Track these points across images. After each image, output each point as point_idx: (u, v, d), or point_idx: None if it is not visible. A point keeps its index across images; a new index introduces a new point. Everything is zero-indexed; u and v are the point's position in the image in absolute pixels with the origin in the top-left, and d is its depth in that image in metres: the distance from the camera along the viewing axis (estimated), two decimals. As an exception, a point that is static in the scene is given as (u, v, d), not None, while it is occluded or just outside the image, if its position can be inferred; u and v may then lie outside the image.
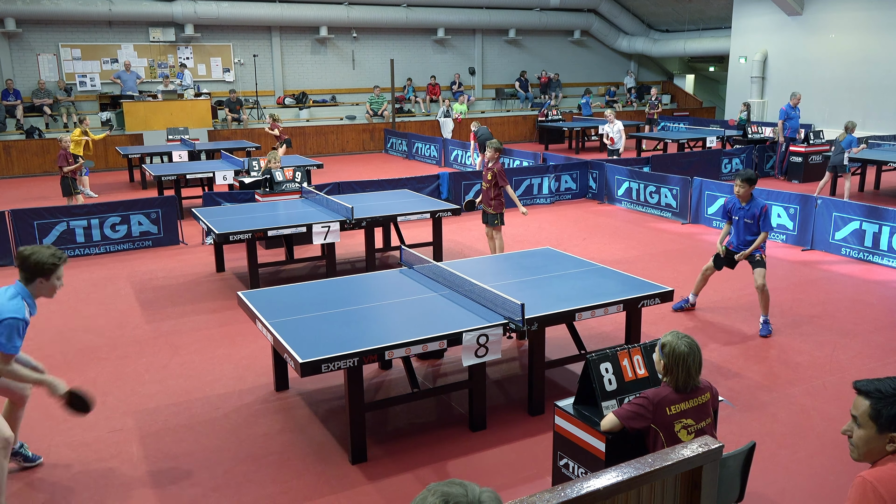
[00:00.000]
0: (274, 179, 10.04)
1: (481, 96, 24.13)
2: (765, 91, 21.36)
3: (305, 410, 5.45)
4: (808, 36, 19.96)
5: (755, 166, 15.52)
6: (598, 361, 3.85)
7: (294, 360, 4.31)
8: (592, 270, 6.20)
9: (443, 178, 12.52)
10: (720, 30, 23.87)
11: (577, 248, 9.71)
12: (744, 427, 5.12)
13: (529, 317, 4.90)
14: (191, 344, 6.75)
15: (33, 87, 18.35)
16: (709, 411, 3.53)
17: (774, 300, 7.81)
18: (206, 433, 5.12)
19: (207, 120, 18.43)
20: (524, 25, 23.99)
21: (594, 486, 2.65)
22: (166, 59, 19.80)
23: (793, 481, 4.47)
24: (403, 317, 5.10)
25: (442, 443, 4.95)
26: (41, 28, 18.37)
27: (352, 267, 9.25)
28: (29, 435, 5.05)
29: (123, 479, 4.57)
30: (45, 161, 17.18)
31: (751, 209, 6.89)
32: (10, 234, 9.52)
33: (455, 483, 1.63)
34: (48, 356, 6.51)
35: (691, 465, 2.93)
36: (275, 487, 4.46)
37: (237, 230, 7.72)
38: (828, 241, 9.75)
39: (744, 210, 6.93)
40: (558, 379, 5.93)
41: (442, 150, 17.92)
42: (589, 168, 13.55)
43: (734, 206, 7.02)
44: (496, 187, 8.51)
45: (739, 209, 6.96)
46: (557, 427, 3.97)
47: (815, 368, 6.10)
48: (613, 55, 26.71)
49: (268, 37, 20.92)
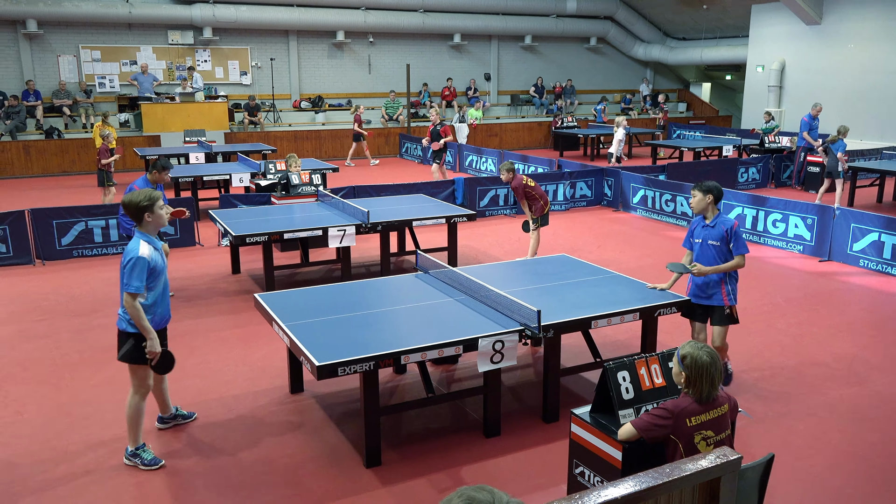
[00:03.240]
0: (290, 182, 10.09)
1: (496, 102, 24.14)
2: (782, 100, 21.24)
3: (320, 413, 5.46)
4: (826, 45, 19.84)
5: (772, 176, 15.44)
6: (616, 370, 3.84)
7: (310, 362, 4.32)
8: (608, 278, 6.18)
9: (458, 183, 12.53)
10: (737, 38, 23.76)
11: (592, 256, 9.69)
12: (761, 439, 5.08)
13: (545, 323, 4.90)
14: (206, 345, 6.78)
15: (54, 87, 18.55)
16: (727, 423, 3.51)
17: (792, 310, 7.76)
18: (220, 434, 5.15)
19: (224, 122, 18.55)
20: (540, 32, 24.00)
21: (611, 496, 2.64)
22: (184, 61, 19.96)
23: (810, 494, 4.43)
24: (419, 321, 5.11)
25: (456, 448, 4.95)
26: (62, 29, 18.57)
27: (367, 271, 9.27)
28: (48, 437, 5.10)
29: (139, 478, 4.60)
30: (64, 161, 17.35)
31: (716, 228, 5.51)
32: (30, 233, 9.62)
33: (484, 489, 1.63)
34: (65, 354, 6.57)
35: (709, 476, 2.91)
36: (289, 490, 4.47)
37: (253, 232, 7.76)
38: (845, 252, 9.67)
39: (707, 229, 5.56)
40: (573, 386, 5.92)
41: (457, 155, 17.94)
42: (604, 175, 13.52)
43: (697, 226, 5.66)
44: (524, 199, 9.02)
45: (703, 228, 5.59)
46: (573, 435, 3.96)
47: (832, 381, 6.05)
48: (629, 62, 26.66)
49: (285, 41, 21.04)
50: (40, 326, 7.32)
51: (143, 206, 4.59)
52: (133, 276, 4.45)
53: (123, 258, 4.53)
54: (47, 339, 7.00)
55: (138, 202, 4.58)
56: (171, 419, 5.30)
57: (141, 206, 4.58)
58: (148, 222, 4.63)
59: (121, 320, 4.63)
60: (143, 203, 4.59)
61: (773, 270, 9.44)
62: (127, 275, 4.47)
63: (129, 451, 4.74)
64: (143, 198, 4.59)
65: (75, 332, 7.14)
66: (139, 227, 4.64)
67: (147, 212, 4.60)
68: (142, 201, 4.58)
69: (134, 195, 4.62)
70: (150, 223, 4.64)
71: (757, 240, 10.82)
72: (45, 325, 7.36)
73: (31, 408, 5.54)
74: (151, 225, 4.66)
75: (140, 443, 4.74)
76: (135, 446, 4.73)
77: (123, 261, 4.52)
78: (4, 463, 4.76)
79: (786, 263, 9.78)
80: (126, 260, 4.49)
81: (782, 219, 10.50)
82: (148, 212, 4.61)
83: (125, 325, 4.60)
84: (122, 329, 4.63)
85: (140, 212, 4.59)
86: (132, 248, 4.52)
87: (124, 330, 4.61)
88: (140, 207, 4.58)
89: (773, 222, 10.63)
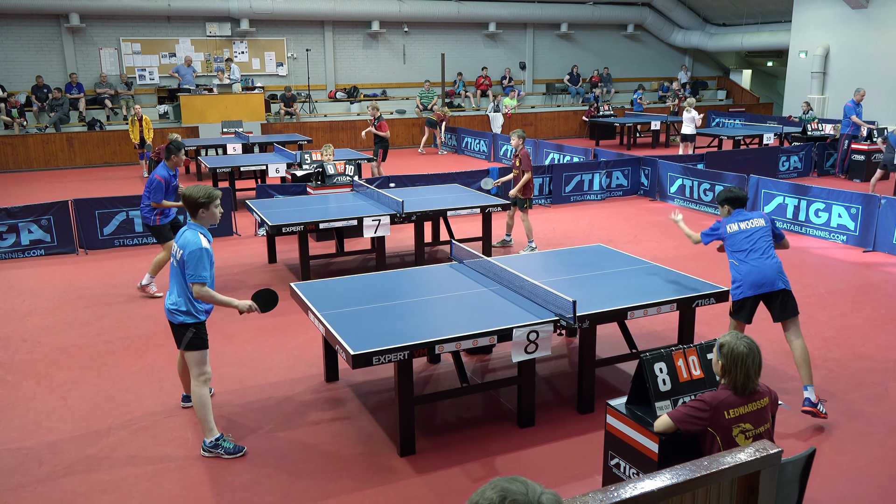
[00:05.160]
0: (325, 173, 10.15)
1: (531, 91, 23.96)
2: (826, 87, 20.69)
3: (355, 402, 5.50)
4: (872, 30, 19.24)
5: (814, 164, 15.08)
6: (653, 361, 3.79)
7: (346, 351, 4.35)
8: (645, 268, 6.10)
9: (492, 173, 12.45)
10: (780, 23, 23.18)
11: (628, 246, 9.58)
12: (802, 432, 4.98)
13: (581, 314, 4.85)
14: (243, 333, 6.88)
15: (95, 80, 18.93)
16: (767, 416, 3.44)
17: (835, 301, 7.58)
18: (258, 421, 5.22)
19: (261, 113, 18.73)
20: (576, 20, 23.72)
21: (648, 488, 2.60)
22: (222, 53, 20.19)
23: (853, 489, 4.33)
24: (453, 311, 5.11)
25: (490, 438, 4.95)
26: (103, 23, 18.92)
27: (401, 261, 9.30)
28: (90, 422, 5.23)
29: (179, 463, 4.69)
30: (106, 152, 17.71)
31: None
32: (73, 223, 9.84)
33: (518, 480, 1.61)
34: (108, 341, 6.72)
35: (749, 470, 2.86)
36: (324, 477, 4.51)
37: (289, 222, 7.82)
38: (891, 242, 9.40)
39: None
40: (608, 377, 5.86)
41: (491, 144, 17.87)
42: (641, 164, 13.34)
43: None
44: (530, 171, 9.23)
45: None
46: (609, 426, 3.92)
47: (876, 374, 5.89)
48: (667, 50, 26.21)
49: (320, 31, 21.14)
50: (83, 314, 7.49)
51: (200, 202, 4.70)
52: (200, 267, 4.56)
53: (183, 250, 4.58)
54: (90, 326, 7.16)
55: (197, 198, 4.69)
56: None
57: (199, 202, 4.69)
58: (202, 217, 4.74)
59: (173, 315, 4.69)
60: (202, 199, 4.70)
61: (815, 261, 9.23)
62: (193, 266, 4.55)
63: (208, 443, 4.75)
64: (202, 194, 4.69)
65: (117, 320, 7.29)
66: (193, 219, 4.75)
67: (203, 208, 4.71)
68: (200, 197, 4.69)
69: (194, 190, 4.72)
70: (203, 218, 4.75)
71: (799, 230, 10.58)
72: (89, 312, 7.53)
73: (75, 393, 5.69)
74: (205, 220, 4.77)
75: (217, 433, 4.76)
76: (213, 437, 4.74)
77: (184, 254, 4.57)
78: (49, 446, 4.89)
79: (828, 254, 9.55)
80: (188, 252, 4.56)
81: (825, 208, 10.24)
82: (203, 208, 4.71)
83: (181, 318, 4.68)
84: (177, 322, 4.70)
85: (196, 207, 4.70)
86: (193, 240, 4.59)
87: (181, 322, 4.69)
88: (198, 203, 4.69)
89: (816, 212, 10.38)
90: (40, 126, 17.66)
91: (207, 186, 4.80)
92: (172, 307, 4.70)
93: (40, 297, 8.08)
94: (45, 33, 18.49)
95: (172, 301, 4.71)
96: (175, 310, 4.69)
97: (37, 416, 5.32)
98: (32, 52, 18.45)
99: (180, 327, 4.71)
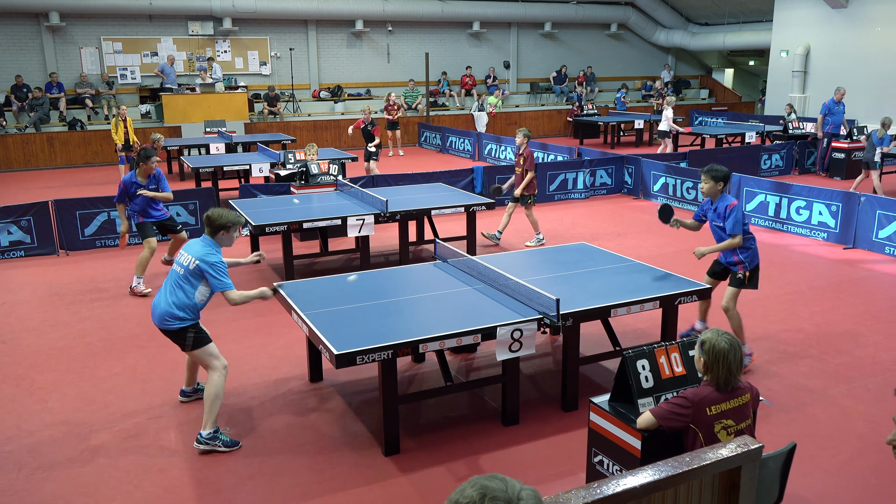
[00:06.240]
0: (309, 172, 10.11)
1: (516, 90, 24.01)
2: (807, 86, 20.88)
3: (339, 402, 5.49)
4: (852, 29, 19.45)
5: (796, 163, 15.22)
6: (635, 358, 3.81)
7: (329, 351, 4.34)
8: (628, 266, 6.13)
9: (477, 171, 12.49)
10: (761, 23, 23.37)
11: (612, 244, 9.62)
12: (783, 428, 5.02)
13: (564, 312, 4.87)
14: (227, 334, 6.83)
15: (76, 79, 18.74)
16: (749, 412, 3.47)
17: (815, 298, 7.66)
18: (241, 422, 5.19)
19: (244, 113, 18.63)
20: (560, 19, 23.79)
21: (630, 484, 2.62)
22: (204, 52, 20.06)
23: (833, 483, 4.38)
24: (437, 310, 5.10)
25: (475, 437, 4.95)
26: (84, 22, 18.74)
27: (385, 260, 9.28)
28: (72, 425, 5.18)
29: (161, 464, 4.66)
30: (87, 152, 17.53)
31: (717, 209, 5.77)
32: (54, 224, 9.74)
33: (497, 478, 1.62)
34: (89, 343, 6.65)
35: (730, 465, 2.88)
36: (309, 477, 4.50)
37: (273, 222, 7.79)
38: (871, 239, 9.51)
39: (712, 211, 5.85)
40: (592, 375, 5.89)
41: (476, 143, 17.88)
42: (625, 163, 13.40)
43: (708, 209, 5.94)
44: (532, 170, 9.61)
45: (713, 211, 5.86)
46: (592, 423, 3.94)
47: (857, 369, 5.96)
48: (651, 49, 26.35)
49: (304, 30, 21.06)
50: (64, 316, 7.42)
51: (221, 224, 4.87)
52: (223, 275, 4.79)
53: (200, 260, 4.74)
54: (71, 327, 7.09)
55: (224, 222, 4.87)
56: (192, 393, 5.52)
57: (222, 224, 4.87)
58: (221, 238, 4.91)
59: (169, 322, 4.77)
60: (228, 224, 4.88)
61: (796, 258, 9.31)
62: (220, 277, 4.77)
63: (205, 435, 4.77)
64: (228, 220, 4.89)
65: (98, 322, 7.23)
66: (211, 237, 4.90)
67: (224, 230, 4.90)
68: (226, 222, 4.88)
69: (222, 214, 4.90)
70: (221, 239, 4.92)
71: (780, 227, 10.68)
72: (69, 314, 7.46)
73: (56, 396, 5.63)
74: (221, 241, 4.93)
75: (216, 426, 4.82)
76: (213, 429, 4.79)
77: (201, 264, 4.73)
78: (29, 449, 4.84)
79: (810, 251, 9.64)
80: (209, 263, 4.75)
81: (806, 206, 10.34)
82: (224, 231, 4.90)
83: (177, 324, 4.77)
84: (174, 329, 4.79)
85: (219, 229, 4.88)
86: (209, 250, 4.80)
87: (178, 328, 4.78)
88: (219, 225, 4.87)
89: (797, 209, 10.47)
90: (20, 126, 17.47)
91: (235, 213, 5.06)
92: (165, 315, 4.76)
93: (20, 298, 7.99)
94: (25, 32, 18.29)
95: (163, 310, 4.77)
96: (167, 318, 4.77)
97: (16, 419, 5.26)
98: (12, 52, 18.24)
99: (179, 332, 4.79)
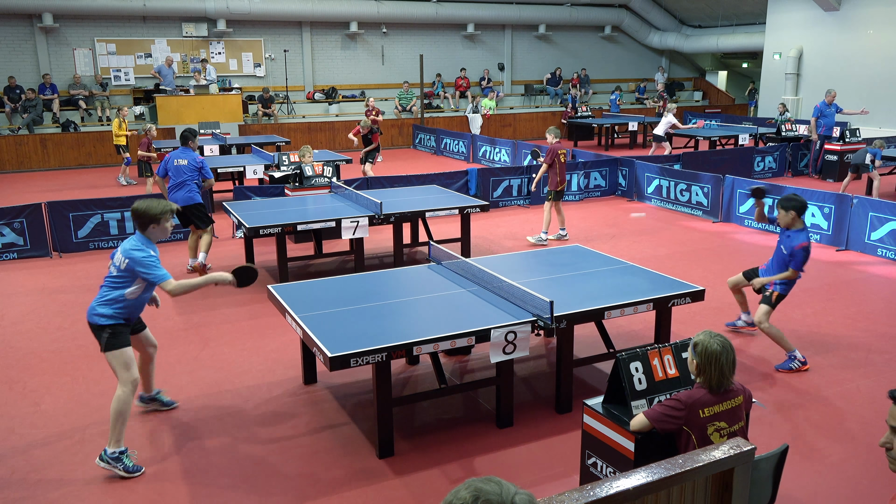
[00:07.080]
0: (303, 174, 10.11)
1: (510, 92, 24.04)
2: (799, 88, 20.98)
3: (333, 404, 5.48)
4: (844, 32, 19.55)
5: (789, 164, 15.27)
6: (629, 360, 3.82)
7: (323, 353, 4.33)
8: (622, 268, 6.14)
9: (471, 174, 12.50)
10: (754, 25, 23.48)
11: (606, 246, 9.64)
12: (776, 429, 5.04)
13: (558, 314, 4.88)
14: (221, 336, 6.83)
15: (69, 81, 18.68)
16: (741, 414, 3.48)
17: (808, 299, 7.69)
18: (235, 424, 5.18)
19: (238, 115, 18.61)
20: (554, 21, 23.85)
21: (623, 486, 2.62)
22: (198, 53, 20.03)
23: (826, 485, 4.39)
24: (431, 312, 5.11)
25: (469, 439, 4.95)
26: (77, 23, 18.69)
27: (380, 262, 9.28)
28: (65, 428, 5.16)
29: (155, 468, 4.64)
30: (81, 154, 17.49)
31: (790, 240, 6.00)
32: (47, 226, 9.71)
33: (492, 481, 1.62)
34: (82, 346, 6.63)
35: (723, 467, 2.89)
36: (303, 480, 4.49)
37: (267, 224, 7.78)
38: (863, 241, 9.56)
39: (784, 235, 6.11)
40: (586, 377, 5.90)
41: (470, 145, 17.90)
42: (619, 165, 13.43)
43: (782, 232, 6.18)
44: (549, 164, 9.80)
45: (786, 236, 6.09)
46: (586, 426, 3.95)
47: (849, 370, 5.99)
48: (644, 51, 26.43)
49: (298, 32, 21.05)
50: (57, 318, 7.39)
51: (151, 217, 4.67)
52: (154, 268, 4.57)
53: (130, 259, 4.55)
54: (64, 330, 7.07)
55: (152, 214, 4.67)
56: (150, 400, 5.38)
57: (152, 216, 4.67)
58: (152, 232, 4.72)
59: (92, 318, 4.62)
60: (157, 215, 4.68)
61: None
62: (150, 270, 4.55)
63: (108, 454, 4.51)
64: (156, 211, 4.68)
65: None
66: (142, 232, 4.71)
67: (153, 224, 4.70)
68: (156, 214, 4.68)
69: (149, 206, 4.69)
70: (153, 232, 4.73)
71: (773, 229, 10.69)
72: (63, 317, 7.44)
73: (49, 399, 5.61)
74: (154, 235, 4.74)
75: (123, 446, 4.56)
76: (117, 448, 4.53)
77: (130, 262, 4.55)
78: (21, 452, 4.82)
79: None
80: (137, 259, 4.54)
81: (799, 208, 10.37)
82: (154, 224, 4.70)
83: (96, 319, 4.60)
84: (95, 324, 4.61)
85: (147, 222, 4.68)
86: (138, 246, 4.60)
87: (96, 324, 4.60)
88: (149, 218, 4.67)
89: (790, 211, 10.50)
90: (13, 127, 17.40)
91: (163, 202, 4.77)
92: (91, 310, 4.64)
93: (13, 301, 7.96)
94: (18, 33, 18.22)
95: (91, 305, 4.65)
96: (93, 313, 4.62)
97: (9, 423, 5.24)
98: (5, 53, 18.17)
99: (96, 328, 4.61)
